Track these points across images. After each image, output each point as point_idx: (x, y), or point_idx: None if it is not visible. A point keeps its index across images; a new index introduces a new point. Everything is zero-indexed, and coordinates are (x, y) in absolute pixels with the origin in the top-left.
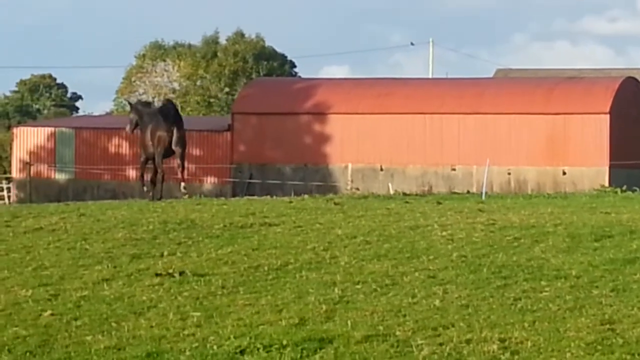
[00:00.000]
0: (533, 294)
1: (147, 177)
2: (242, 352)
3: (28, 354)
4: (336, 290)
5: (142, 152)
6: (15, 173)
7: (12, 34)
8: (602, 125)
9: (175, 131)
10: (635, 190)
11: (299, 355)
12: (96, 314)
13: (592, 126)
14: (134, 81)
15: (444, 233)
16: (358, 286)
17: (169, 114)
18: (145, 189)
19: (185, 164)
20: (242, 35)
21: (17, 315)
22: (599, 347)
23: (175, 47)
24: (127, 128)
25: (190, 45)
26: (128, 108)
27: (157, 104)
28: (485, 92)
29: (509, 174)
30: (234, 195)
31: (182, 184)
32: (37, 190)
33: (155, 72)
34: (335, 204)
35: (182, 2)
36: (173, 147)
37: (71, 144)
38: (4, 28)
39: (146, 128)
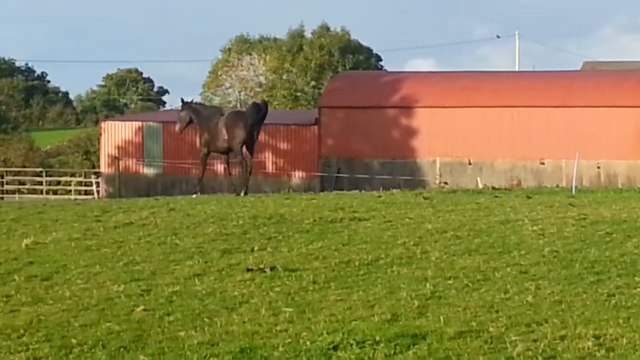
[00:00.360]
0: (627, 290)
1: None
2: (335, 348)
3: (122, 349)
4: (428, 285)
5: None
6: (103, 168)
7: (98, 28)
8: None
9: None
10: None
11: (392, 352)
12: (188, 310)
13: None
14: (220, 75)
15: (535, 228)
16: (450, 281)
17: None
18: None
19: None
20: (328, 28)
21: (110, 310)
22: None
23: (260, 40)
24: (177, 127)
25: (275, 39)
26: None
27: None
28: (573, 85)
29: (599, 167)
30: (322, 190)
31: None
32: (125, 185)
33: (241, 65)
34: (425, 198)
35: None
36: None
37: (159, 138)
38: (90, 23)
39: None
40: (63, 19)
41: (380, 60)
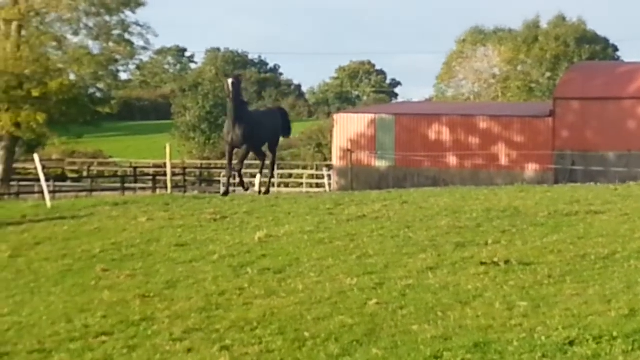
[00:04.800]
0: None
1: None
2: (570, 344)
3: (354, 342)
4: None
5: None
6: (335, 160)
7: (332, 20)
8: None
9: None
10: None
11: (630, 348)
12: (421, 303)
13: None
14: (454, 67)
15: None
16: None
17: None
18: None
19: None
20: (564, 19)
21: (343, 303)
22: None
23: (495, 31)
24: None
25: (510, 30)
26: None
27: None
28: None
29: None
30: (556, 183)
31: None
32: (357, 178)
33: (476, 57)
34: None
35: None
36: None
37: (391, 131)
38: (324, 14)
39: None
40: (296, 12)
41: (617, 50)
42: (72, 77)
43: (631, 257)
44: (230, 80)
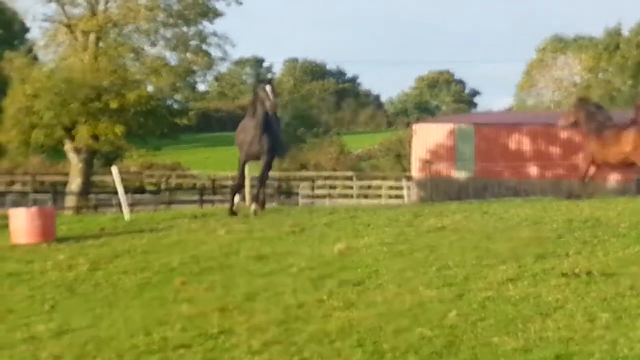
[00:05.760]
0: None
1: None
2: None
3: (434, 354)
4: None
5: None
6: (414, 171)
7: (411, 29)
8: None
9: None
10: None
11: None
12: (502, 315)
13: None
14: (534, 75)
15: None
16: None
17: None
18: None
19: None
20: None
21: (423, 315)
22: None
23: (576, 40)
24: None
25: (591, 38)
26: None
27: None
28: None
29: None
30: (638, 193)
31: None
32: (437, 189)
33: (556, 65)
34: None
35: None
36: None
37: (471, 141)
38: (403, 24)
39: None
40: (374, 21)
41: None
42: (150, 88)
43: None
44: (269, 87)
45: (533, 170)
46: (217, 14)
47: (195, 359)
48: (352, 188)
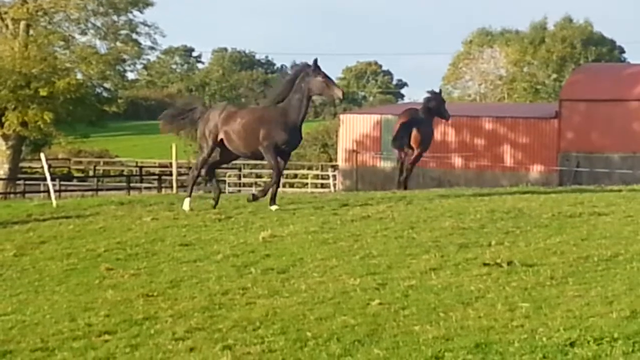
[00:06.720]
0: None
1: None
2: (572, 345)
3: (356, 342)
4: None
5: None
6: (341, 161)
7: (339, 20)
8: None
9: None
10: None
11: (630, 349)
12: (424, 304)
13: None
14: (461, 68)
15: None
16: None
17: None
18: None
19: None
20: (571, 20)
21: (346, 303)
22: None
23: (502, 33)
24: None
25: (517, 31)
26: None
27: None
28: None
29: None
30: (560, 184)
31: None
32: (362, 178)
33: (482, 58)
34: None
35: None
36: None
37: None
38: (332, 15)
39: None
40: (303, 12)
41: (624, 52)
42: (79, 76)
43: (634, 258)
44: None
45: (457, 161)
46: (147, 3)
47: (119, 344)
48: None
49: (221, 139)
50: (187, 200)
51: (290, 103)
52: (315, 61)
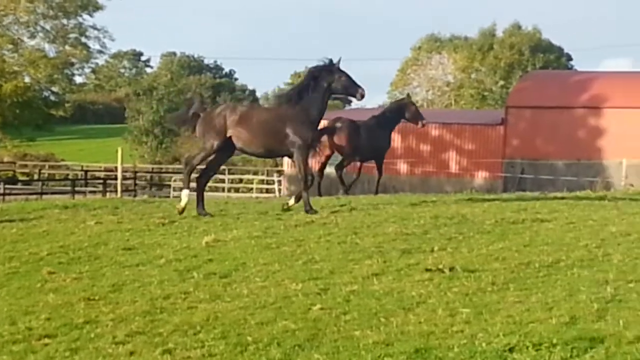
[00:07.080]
0: None
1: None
2: (510, 350)
3: (297, 347)
4: (608, 288)
5: None
6: (286, 166)
7: (288, 25)
8: None
9: None
10: None
11: (569, 355)
12: (365, 309)
13: None
14: (409, 74)
15: None
16: (631, 285)
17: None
18: None
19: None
20: (519, 27)
21: (287, 308)
22: None
23: (451, 39)
24: None
25: (466, 38)
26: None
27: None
28: None
29: None
30: (504, 191)
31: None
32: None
33: (431, 64)
34: (609, 200)
35: None
36: None
37: None
38: (281, 20)
39: None
40: (252, 17)
41: (571, 59)
42: (27, 79)
43: (574, 265)
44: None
45: (403, 167)
46: (96, 7)
47: (59, 348)
48: (223, 181)
49: (229, 137)
50: (185, 192)
51: (311, 101)
52: (338, 61)
